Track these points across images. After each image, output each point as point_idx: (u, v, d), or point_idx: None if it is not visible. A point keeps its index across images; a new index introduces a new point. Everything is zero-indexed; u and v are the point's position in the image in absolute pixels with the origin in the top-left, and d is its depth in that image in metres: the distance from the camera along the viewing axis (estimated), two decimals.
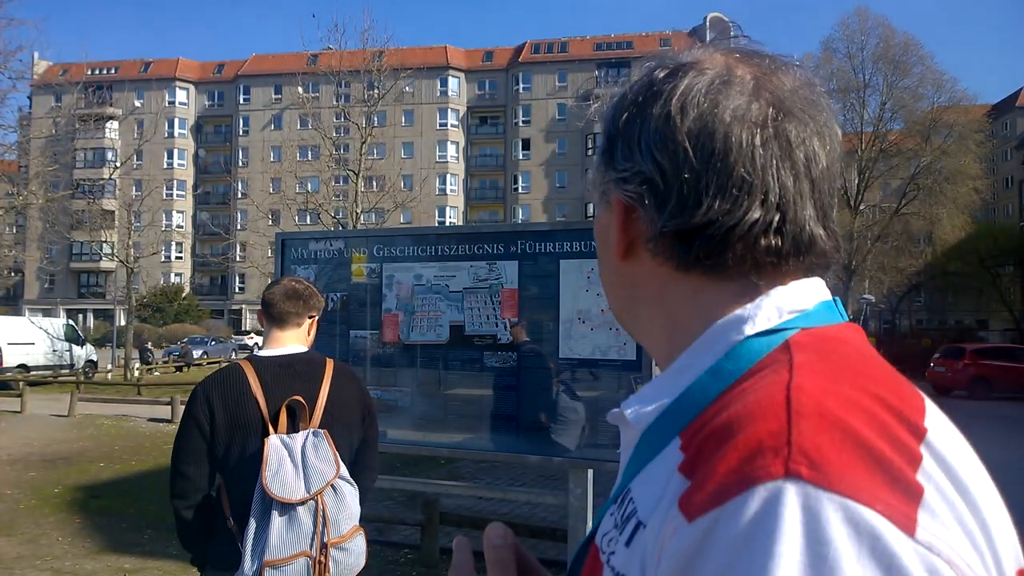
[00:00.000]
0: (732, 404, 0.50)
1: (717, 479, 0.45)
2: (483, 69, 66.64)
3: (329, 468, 2.04)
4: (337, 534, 2.02)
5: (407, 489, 6.92)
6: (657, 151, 0.59)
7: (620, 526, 0.55)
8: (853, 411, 0.47)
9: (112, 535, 6.34)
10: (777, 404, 0.47)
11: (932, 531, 0.43)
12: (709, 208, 0.57)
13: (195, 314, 57.89)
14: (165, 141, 64.31)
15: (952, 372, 21.85)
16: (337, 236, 6.23)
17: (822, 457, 0.43)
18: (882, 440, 0.45)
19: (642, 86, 0.63)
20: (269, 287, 2.37)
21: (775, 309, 0.57)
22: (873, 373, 0.52)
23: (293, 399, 2.13)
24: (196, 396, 2.15)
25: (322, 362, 2.29)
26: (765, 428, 0.46)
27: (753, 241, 0.57)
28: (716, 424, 0.49)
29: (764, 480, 0.43)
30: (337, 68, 25.32)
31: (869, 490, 0.42)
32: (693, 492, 0.46)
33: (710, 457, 0.47)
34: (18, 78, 20.95)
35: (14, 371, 20.93)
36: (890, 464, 0.44)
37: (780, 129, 0.58)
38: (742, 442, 0.45)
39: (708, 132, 0.57)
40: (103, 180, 37.87)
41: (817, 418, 0.46)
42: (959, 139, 40.52)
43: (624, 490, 0.58)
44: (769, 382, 0.50)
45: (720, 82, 0.59)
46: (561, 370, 4.64)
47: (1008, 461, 11.60)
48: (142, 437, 12.06)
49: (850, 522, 0.41)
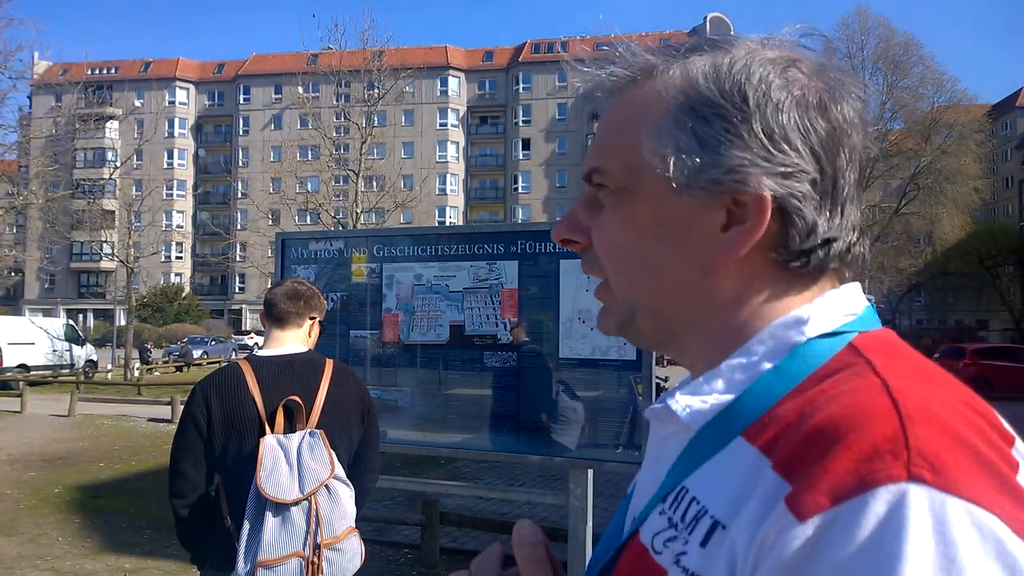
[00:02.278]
0: (821, 405, 0.49)
1: (833, 480, 0.44)
2: (483, 69, 66.65)
3: (324, 468, 2.03)
4: (331, 535, 2.02)
5: (407, 489, 6.92)
6: (823, 148, 0.57)
7: (684, 525, 0.53)
8: (956, 416, 0.47)
9: (112, 535, 6.34)
10: (884, 407, 0.47)
11: None
12: (849, 216, 0.59)
13: (195, 314, 57.89)
14: (165, 141, 64.32)
15: (952, 372, 21.72)
16: (337, 236, 6.24)
17: (942, 462, 0.43)
18: (987, 446, 0.46)
19: (765, 71, 0.58)
20: (272, 288, 2.39)
21: (834, 311, 0.57)
22: (947, 377, 0.53)
23: (289, 399, 2.13)
24: (194, 395, 2.15)
25: (321, 362, 2.29)
26: (879, 431, 0.45)
27: (849, 246, 0.59)
28: (814, 425, 0.48)
29: (886, 482, 0.43)
30: (337, 68, 25.33)
31: (988, 495, 0.43)
32: (803, 492, 0.45)
33: (818, 458, 0.46)
34: (18, 78, 21.01)
35: (14, 371, 20.93)
36: (999, 469, 0.45)
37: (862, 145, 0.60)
38: (855, 444, 0.45)
39: (845, 139, 0.58)
40: (103, 180, 37.88)
41: (929, 423, 0.46)
42: (959, 139, 40.52)
43: (678, 488, 0.56)
44: (860, 384, 0.50)
45: (863, 104, 0.60)
46: (561, 370, 4.63)
47: None
48: (142, 437, 12.06)
49: (976, 526, 0.42)
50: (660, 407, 0.61)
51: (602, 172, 0.63)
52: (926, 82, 41.86)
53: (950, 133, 40.89)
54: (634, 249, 0.61)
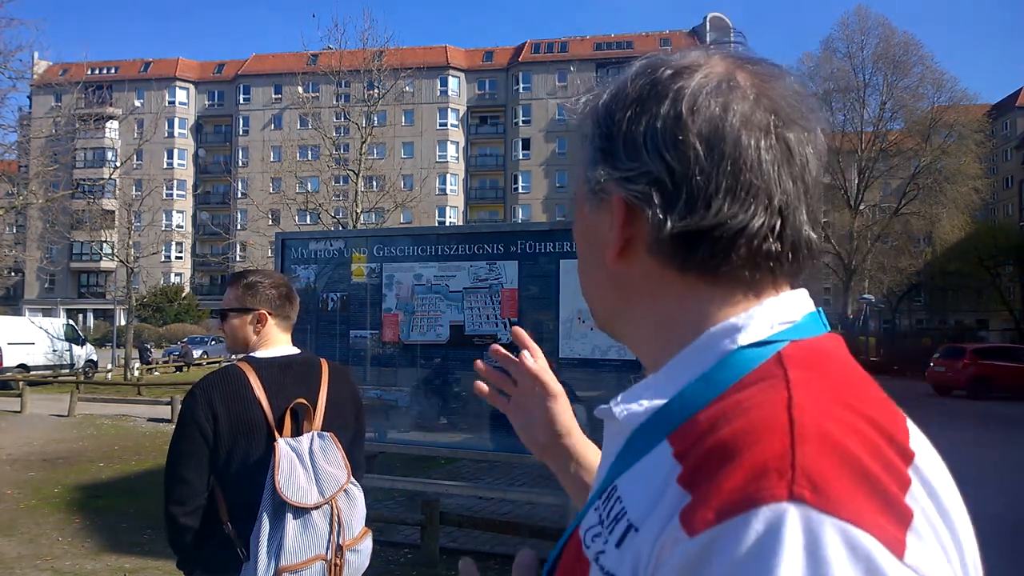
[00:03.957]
0: (731, 417, 0.51)
1: (722, 496, 0.46)
2: (483, 69, 66.64)
3: (340, 472, 2.05)
4: (351, 536, 2.04)
5: (407, 489, 6.92)
6: (668, 151, 0.59)
7: (607, 523, 0.56)
8: (850, 434, 0.48)
9: (112, 535, 6.34)
10: (780, 424, 0.48)
11: (919, 553, 0.45)
12: (718, 211, 0.57)
13: (195, 314, 57.87)
14: (165, 141, 64.28)
15: (952, 372, 21.83)
16: (337, 236, 6.24)
17: (824, 481, 0.45)
18: (877, 464, 0.47)
19: (645, 84, 0.62)
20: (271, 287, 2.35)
21: (767, 320, 0.59)
22: (863, 392, 0.54)
23: (298, 402, 2.11)
24: (196, 399, 2.08)
25: (318, 362, 2.27)
26: (770, 449, 0.47)
27: (757, 245, 0.58)
28: (718, 439, 0.50)
29: (768, 501, 0.44)
30: (337, 68, 25.33)
31: (866, 514, 0.44)
32: (696, 507, 0.47)
33: (714, 473, 0.48)
34: (18, 78, 20.99)
35: (14, 371, 20.93)
36: (885, 489, 0.46)
37: (781, 136, 0.59)
38: (747, 462, 0.47)
39: (719, 135, 0.58)
40: (103, 180, 37.85)
41: (819, 442, 0.47)
42: (959, 139, 40.50)
43: (610, 486, 0.59)
44: (768, 399, 0.51)
45: (727, 86, 0.60)
46: (561, 370, 4.62)
47: (1008, 461, 11.54)
48: (142, 437, 12.06)
49: (848, 545, 0.43)
50: (606, 408, 0.64)
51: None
52: (926, 82, 41.86)
53: (950, 133, 40.87)
54: (580, 258, 0.70)
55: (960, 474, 0.52)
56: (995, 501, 8.14)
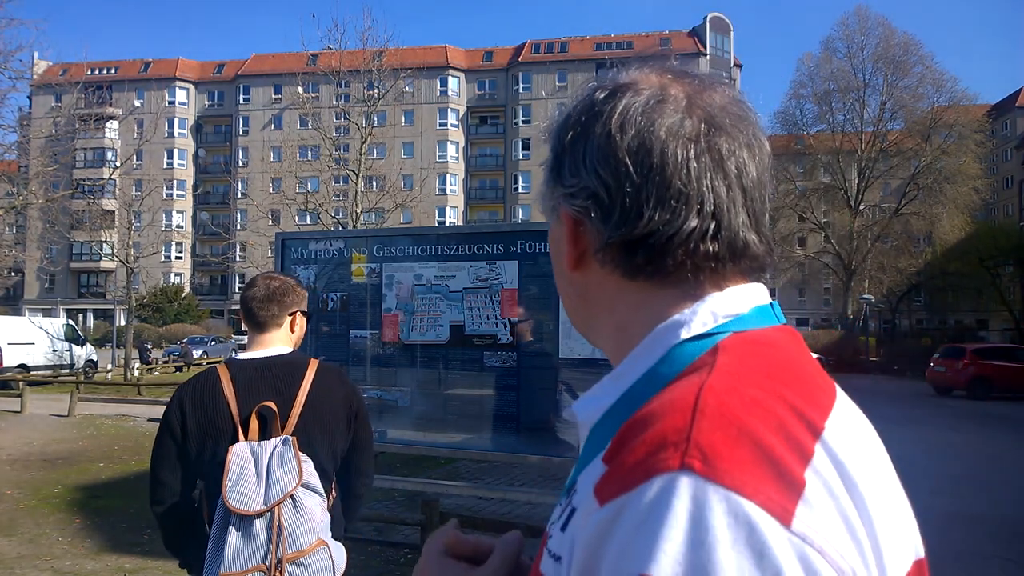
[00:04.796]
0: (653, 401, 0.55)
1: (626, 468, 0.50)
2: (483, 69, 66.63)
3: (290, 478, 1.93)
4: (295, 548, 1.91)
5: (407, 489, 6.91)
6: (601, 167, 0.63)
7: (563, 515, 0.59)
8: (753, 410, 0.52)
9: (112, 535, 6.33)
10: (686, 402, 0.52)
11: (808, 522, 0.48)
12: (650, 219, 0.61)
13: (195, 314, 57.89)
14: (165, 141, 64.29)
15: (952, 372, 21.82)
16: (337, 236, 6.24)
17: (715, 453, 0.48)
18: (776, 437, 0.50)
19: (584, 106, 0.67)
20: (244, 288, 2.28)
21: (710, 314, 0.62)
22: (787, 375, 0.57)
23: (263, 405, 2.04)
24: (172, 400, 2.10)
25: (303, 363, 2.17)
26: (671, 424, 0.51)
27: (692, 248, 0.61)
28: (634, 419, 0.54)
29: (662, 471, 0.48)
30: (337, 68, 25.30)
31: (752, 484, 0.47)
32: (606, 479, 0.52)
33: (623, 448, 0.52)
34: (18, 78, 20.95)
35: (14, 371, 20.92)
36: (779, 460, 0.49)
37: (712, 143, 0.62)
38: (650, 436, 0.51)
39: (646, 148, 0.62)
40: (103, 180, 37.80)
41: (717, 416, 0.51)
42: (959, 139, 40.50)
43: (573, 483, 0.61)
44: (687, 382, 0.55)
45: (655, 101, 0.63)
46: (561, 370, 4.63)
47: (1007, 461, 11.52)
48: (142, 437, 12.05)
49: (731, 513, 0.46)
50: (569, 410, 0.71)
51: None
52: (926, 82, 41.89)
53: (950, 133, 40.88)
54: (552, 263, 0.74)
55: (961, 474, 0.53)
56: (995, 501, 8.14)
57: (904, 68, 41.92)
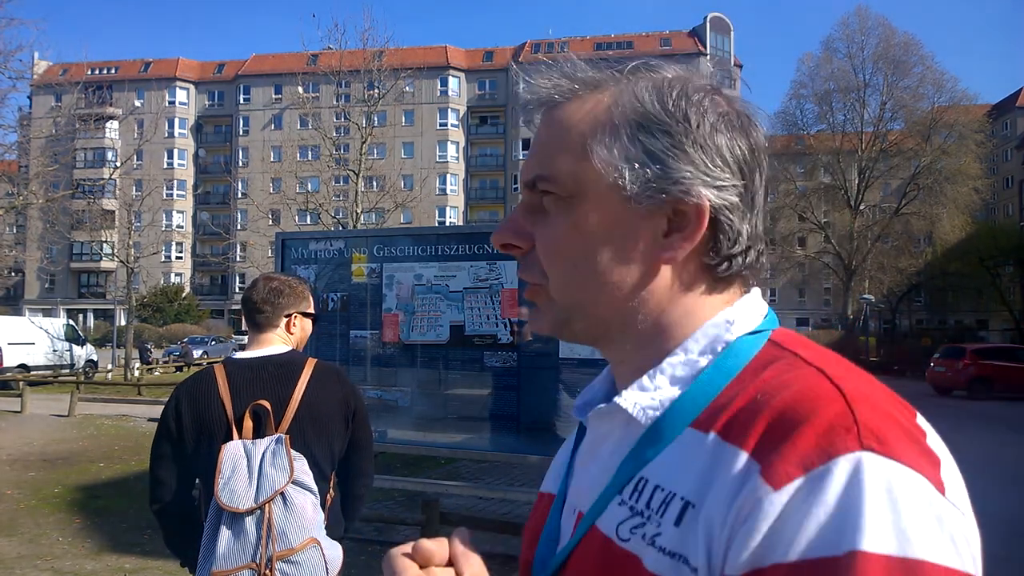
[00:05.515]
0: (774, 393, 0.57)
1: (800, 453, 0.52)
2: (483, 69, 66.65)
3: (281, 476, 1.94)
4: (285, 546, 1.90)
5: (407, 489, 6.92)
6: (752, 171, 0.66)
7: (653, 511, 0.59)
8: (883, 397, 0.57)
9: (112, 535, 6.33)
10: (830, 392, 0.55)
11: (952, 491, 0.53)
12: (755, 225, 0.66)
13: (195, 314, 57.88)
14: (165, 141, 64.26)
15: (952, 372, 21.81)
16: (337, 236, 6.24)
17: (884, 434, 0.53)
18: (906, 420, 0.56)
19: (699, 95, 0.65)
20: (247, 288, 2.30)
21: (753, 312, 0.67)
22: (853, 365, 0.61)
23: (257, 403, 2.05)
24: (169, 400, 2.13)
25: (300, 363, 2.17)
26: (832, 411, 0.54)
27: (757, 255, 0.67)
28: (774, 411, 0.56)
29: (845, 452, 0.52)
30: (337, 68, 25.31)
31: (916, 460, 0.52)
32: (775, 465, 0.53)
33: (784, 438, 0.54)
34: (18, 78, 20.99)
35: (14, 371, 20.92)
36: (918, 438, 0.54)
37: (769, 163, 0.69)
38: (815, 423, 0.53)
39: (757, 158, 0.66)
40: (103, 180, 37.86)
41: (868, 403, 0.55)
42: (959, 139, 40.48)
43: (636, 479, 0.61)
44: (801, 374, 0.58)
45: (747, 112, 0.67)
46: (561, 370, 4.63)
47: (1008, 460, 11.50)
48: (142, 437, 12.04)
49: (912, 486, 0.51)
50: (606, 407, 0.66)
51: (549, 180, 0.66)
52: (926, 82, 41.85)
53: (950, 133, 40.85)
54: (580, 253, 0.65)
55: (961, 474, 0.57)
56: (995, 501, 8.14)
57: (904, 68, 41.89)
